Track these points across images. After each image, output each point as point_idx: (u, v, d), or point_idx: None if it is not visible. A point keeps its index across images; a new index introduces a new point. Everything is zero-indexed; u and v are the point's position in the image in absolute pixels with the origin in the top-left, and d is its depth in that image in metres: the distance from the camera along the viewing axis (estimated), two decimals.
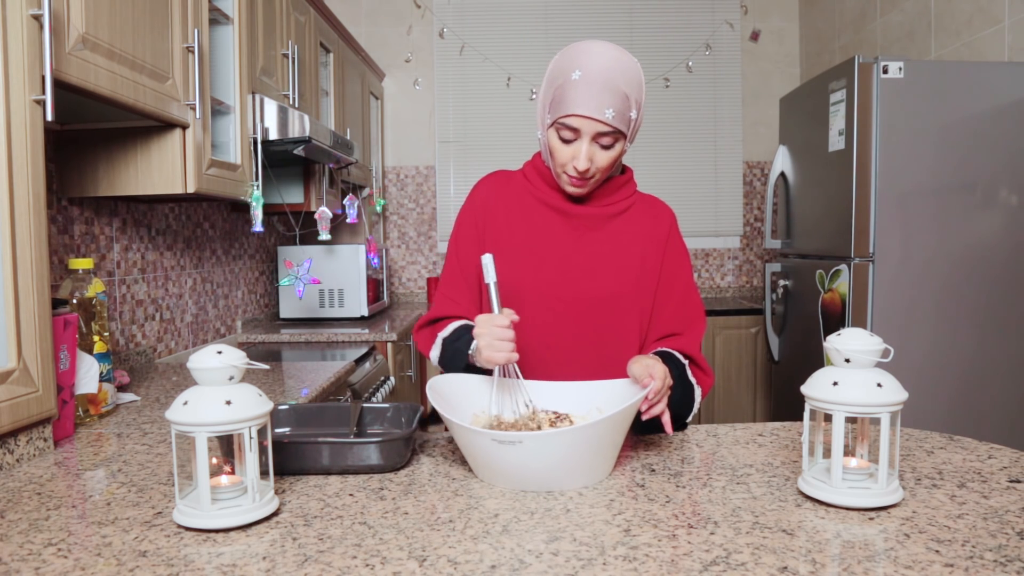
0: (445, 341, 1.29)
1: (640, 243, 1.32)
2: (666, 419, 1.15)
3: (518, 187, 1.36)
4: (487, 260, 1.18)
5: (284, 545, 0.84)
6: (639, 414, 1.11)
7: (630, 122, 1.21)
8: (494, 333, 1.13)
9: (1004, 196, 2.50)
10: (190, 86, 1.78)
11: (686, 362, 1.27)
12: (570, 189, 1.27)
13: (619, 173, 1.35)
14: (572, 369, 1.27)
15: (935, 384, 2.54)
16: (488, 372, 1.20)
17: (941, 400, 2.54)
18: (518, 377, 1.18)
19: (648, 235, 1.33)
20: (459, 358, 1.25)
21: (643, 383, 1.09)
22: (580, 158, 1.20)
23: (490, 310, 1.17)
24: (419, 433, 1.29)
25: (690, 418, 1.28)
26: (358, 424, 1.23)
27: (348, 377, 2.30)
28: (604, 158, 1.22)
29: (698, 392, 1.28)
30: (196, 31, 1.79)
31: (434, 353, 1.32)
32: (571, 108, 1.17)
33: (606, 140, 1.20)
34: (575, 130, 1.19)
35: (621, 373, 1.24)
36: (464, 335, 1.25)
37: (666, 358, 1.24)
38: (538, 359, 1.28)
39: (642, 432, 1.29)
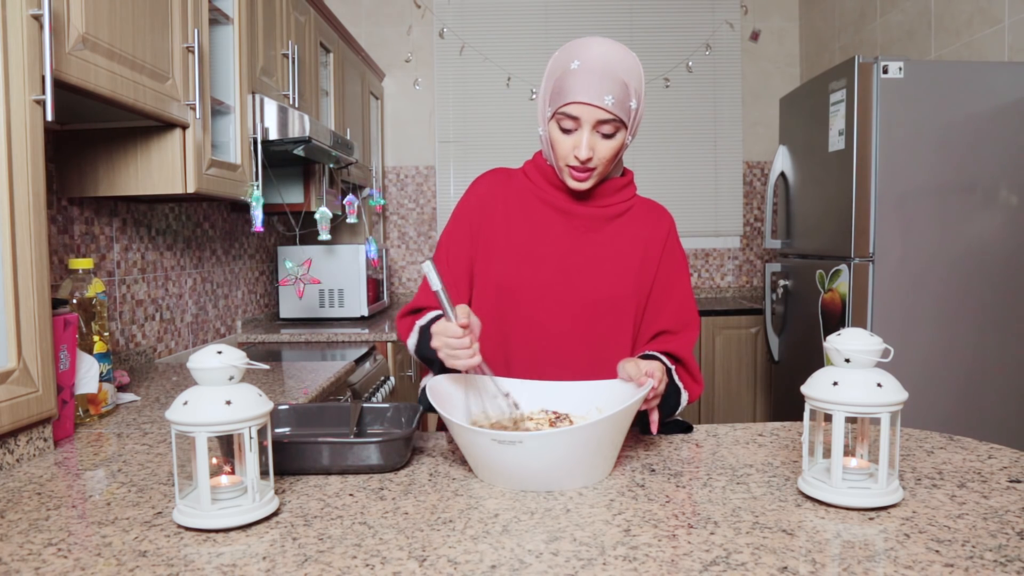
0: (422, 329, 1.27)
1: (639, 245, 1.32)
2: (654, 418, 1.16)
3: (519, 185, 1.35)
4: (428, 267, 1.09)
5: (284, 545, 0.84)
6: (639, 414, 1.11)
7: (630, 112, 1.20)
8: (449, 344, 1.10)
9: (1004, 196, 2.50)
10: (190, 86, 1.78)
11: (672, 366, 1.27)
12: (572, 183, 1.25)
13: (619, 175, 1.35)
14: (566, 369, 1.27)
15: (935, 384, 2.54)
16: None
17: (941, 400, 2.54)
18: (490, 375, 1.17)
19: (647, 237, 1.33)
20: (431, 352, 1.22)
21: (639, 381, 1.09)
22: (582, 147, 1.19)
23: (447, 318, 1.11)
24: (419, 433, 1.29)
25: (677, 414, 1.28)
26: (358, 424, 1.23)
27: (348, 377, 2.30)
28: (605, 148, 1.21)
29: (684, 397, 1.27)
30: (196, 31, 1.79)
31: (411, 341, 1.30)
32: (571, 96, 1.17)
33: (607, 128, 1.19)
34: (575, 119, 1.18)
35: (615, 374, 1.24)
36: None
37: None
38: (532, 357, 1.28)
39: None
